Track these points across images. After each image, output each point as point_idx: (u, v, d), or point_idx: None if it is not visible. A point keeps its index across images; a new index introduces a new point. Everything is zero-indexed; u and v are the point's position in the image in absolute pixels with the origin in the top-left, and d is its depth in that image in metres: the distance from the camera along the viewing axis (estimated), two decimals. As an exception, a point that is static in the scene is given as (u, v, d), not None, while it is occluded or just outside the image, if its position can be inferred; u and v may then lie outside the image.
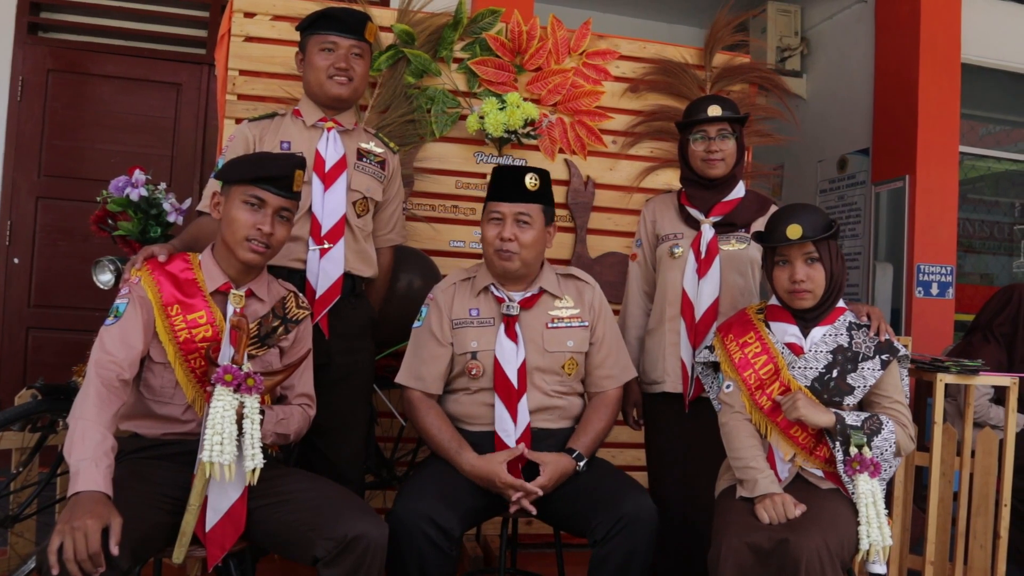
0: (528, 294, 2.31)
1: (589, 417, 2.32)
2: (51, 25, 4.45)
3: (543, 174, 2.30)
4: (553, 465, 2.15)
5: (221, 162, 2.27)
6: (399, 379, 2.33)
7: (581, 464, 2.20)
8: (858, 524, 1.97)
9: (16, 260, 4.31)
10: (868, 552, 1.96)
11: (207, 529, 1.83)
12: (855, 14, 5.23)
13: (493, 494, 2.18)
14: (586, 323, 2.34)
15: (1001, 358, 3.47)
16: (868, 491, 1.98)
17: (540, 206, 2.28)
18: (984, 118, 5.36)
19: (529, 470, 2.18)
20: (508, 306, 2.27)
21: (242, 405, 1.82)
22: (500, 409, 2.22)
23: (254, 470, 1.81)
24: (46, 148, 4.35)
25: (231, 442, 1.78)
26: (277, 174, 1.97)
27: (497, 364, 2.23)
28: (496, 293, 2.30)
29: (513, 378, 2.22)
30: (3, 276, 4.29)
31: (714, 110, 2.46)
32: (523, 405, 2.22)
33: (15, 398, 2.73)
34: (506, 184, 2.26)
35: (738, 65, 3.56)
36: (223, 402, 1.80)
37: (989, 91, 5.18)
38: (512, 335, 2.25)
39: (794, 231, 2.09)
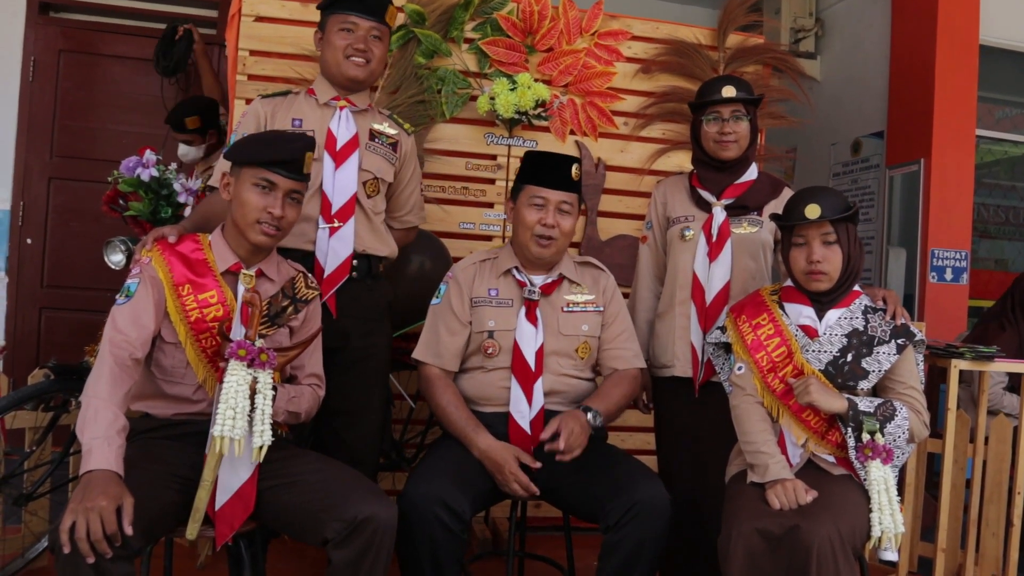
0: (549, 279, 2.32)
1: (606, 386, 2.32)
2: (62, 5, 4.44)
3: (579, 163, 2.32)
4: (568, 417, 2.11)
5: (234, 138, 2.26)
6: (416, 355, 2.33)
7: (591, 416, 2.16)
8: (870, 511, 1.96)
9: (29, 240, 4.33)
10: (880, 539, 1.94)
11: (216, 508, 1.83)
12: (871, -5, 5.16)
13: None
14: (600, 307, 2.36)
15: (1016, 346, 3.45)
16: (880, 478, 1.96)
17: (577, 195, 2.31)
18: (1001, 101, 5.28)
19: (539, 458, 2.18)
20: (530, 291, 2.28)
21: (255, 380, 1.82)
22: (516, 391, 2.22)
23: (261, 447, 1.81)
24: (58, 129, 4.36)
25: (243, 417, 1.78)
26: (288, 157, 1.96)
27: (516, 347, 2.24)
28: (518, 276, 2.31)
29: (531, 360, 2.22)
30: (16, 256, 4.31)
31: (728, 91, 2.43)
32: (538, 387, 2.23)
33: (28, 378, 2.75)
34: (549, 171, 2.27)
35: (752, 46, 3.52)
36: (237, 376, 1.80)
37: (1007, 74, 5.11)
38: (532, 319, 2.26)
39: (813, 211, 2.07)
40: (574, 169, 2.28)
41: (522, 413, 2.21)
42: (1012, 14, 4.88)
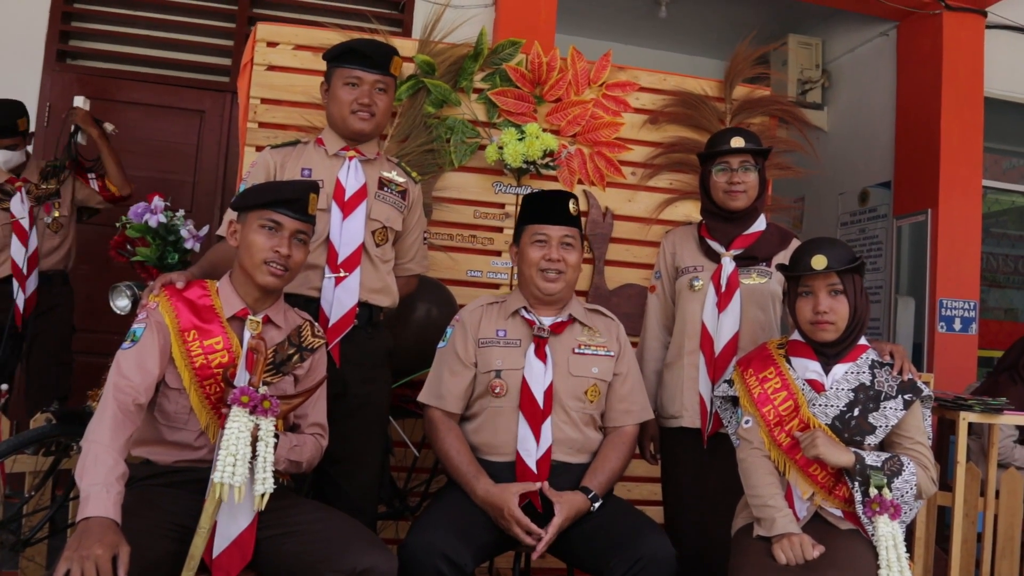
0: (558, 319, 2.31)
1: (605, 454, 2.28)
2: (79, 53, 4.52)
3: (576, 199, 2.34)
4: (568, 504, 2.12)
5: (243, 187, 2.28)
6: (420, 398, 2.33)
7: (595, 505, 2.17)
8: (878, 567, 1.92)
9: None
10: (889, 597, 1.91)
11: (214, 555, 1.81)
12: (877, 47, 5.22)
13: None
14: (612, 353, 2.33)
15: (1026, 399, 3.41)
16: (888, 533, 1.93)
17: (579, 230, 2.32)
18: (1009, 152, 5.31)
19: (547, 505, 2.15)
20: (539, 328, 2.27)
21: (257, 427, 1.81)
22: (524, 429, 2.20)
23: (263, 495, 1.79)
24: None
25: (244, 464, 1.76)
26: (291, 197, 1.99)
27: (525, 384, 2.22)
28: (527, 316, 2.30)
29: (540, 398, 2.21)
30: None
31: (737, 141, 2.46)
32: (547, 427, 2.20)
33: (31, 421, 2.74)
34: (548, 208, 2.30)
35: (758, 98, 3.55)
36: (238, 423, 1.79)
37: (1013, 125, 5.14)
38: (541, 355, 2.24)
39: (819, 261, 2.07)
40: (571, 204, 2.30)
41: (528, 452, 2.19)
42: (1017, 66, 4.93)
